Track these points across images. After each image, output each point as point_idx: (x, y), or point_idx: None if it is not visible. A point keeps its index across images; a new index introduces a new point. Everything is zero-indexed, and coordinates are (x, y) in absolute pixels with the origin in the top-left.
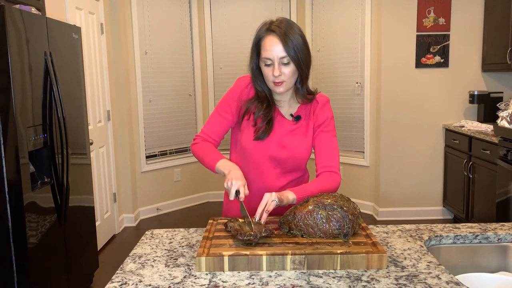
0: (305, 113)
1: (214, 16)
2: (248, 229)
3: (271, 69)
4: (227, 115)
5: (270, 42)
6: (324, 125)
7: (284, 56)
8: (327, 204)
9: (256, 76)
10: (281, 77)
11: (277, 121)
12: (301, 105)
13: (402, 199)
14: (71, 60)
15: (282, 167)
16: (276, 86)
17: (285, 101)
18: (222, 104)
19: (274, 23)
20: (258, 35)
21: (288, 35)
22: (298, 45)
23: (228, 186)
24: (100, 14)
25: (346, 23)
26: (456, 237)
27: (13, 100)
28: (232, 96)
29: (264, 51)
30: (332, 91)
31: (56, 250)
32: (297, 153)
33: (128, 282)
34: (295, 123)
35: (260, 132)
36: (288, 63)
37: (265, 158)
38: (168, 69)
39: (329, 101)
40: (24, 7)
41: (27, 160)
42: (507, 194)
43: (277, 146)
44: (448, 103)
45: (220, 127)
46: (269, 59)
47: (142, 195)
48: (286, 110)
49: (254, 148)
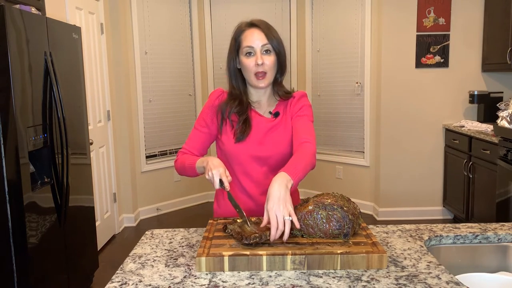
0: (283, 109)
1: (214, 16)
2: (249, 229)
3: (253, 59)
4: (204, 129)
5: (252, 32)
6: (300, 111)
7: (266, 43)
8: (327, 204)
9: (234, 75)
10: (263, 66)
11: (255, 121)
12: (279, 102)
13: (402, 199)
14: (71, 60)
15: (267, 165)
16: (259, 79)
17: (263, 101)
18: (198, 119)
19: (253, 20)
20: (238, 31)
21: (269, 28)
22: (279, 38)
23: (209, 176)
24: (100, 14)
25: (346, 23)
26: (456, 237)
27: (13, 100)
28: (205, 109)
29: (246, 41)
30: (332, 91)
31: (56, 250)
32: (279, 149)
33: (128, 282)
34: (274, 120)
35: (239, 133)
36: (269, 51)
37: (249, 159)
38: (168, 69)
39: (305, 95)
40: (24, 7)
41: (27, 160)
42: (507, 194)
43: (258, 145)
44: (448, 103)
45: (198, 141)
46: (250, 47)
47: (142, 195)
48: (264, 109)
49: (236, 150)
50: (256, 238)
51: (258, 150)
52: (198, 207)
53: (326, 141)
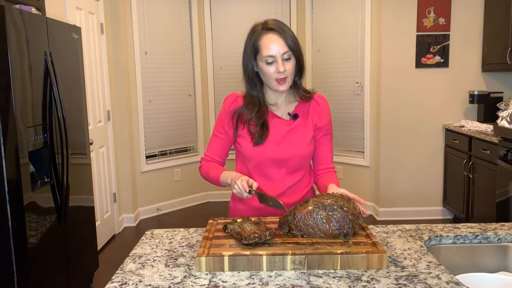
0: (302, 111)
1: (214, 16)
2: (249, 229)
3: (274, 67)
4: (222, 135)
5: (270, 39)
6: (326, 128)
7: (286, 51)
8: (327, 204)
9: (252, 81)
10: (284, 73)
11: (273, 123)
12: (299, 103)
13: (402, 199)
14: (71, 60)
15: (286, 167)
16: (280, 84)
17: (280, 103)
18: (216, 126)
19: (269, 22)
20: (255, 37)
21: (285, 30)
22: (294, 37)
23: (237, 190)
24: (100, 14)
25: (346, 23)
26: (456, 237)
27: (13, 100)
28: (222, 115)
29: (266, 49)
30: (332, 91)
31: (56, 250)
32: (298, 151)
33: (128, 282)
34: (293, 122)
35: (257, 137)
36: (289, 58)
37: (268, 162)
38: (168, 69)
39: (327, 102)
40: (24, 7)
41: (27, 160)
42: (507, 194)
43: (277, 147)
44: (448, 103)
45: (219, 147)
46: (271, 56)
47: (142, 195)
48: (282, 110)
49: (255, 153)
50: (256, 238)
51: (276, 153)
52: (198, 207)
53: None
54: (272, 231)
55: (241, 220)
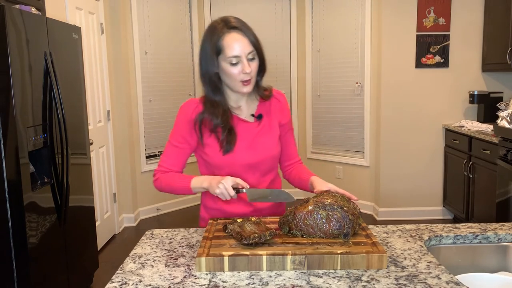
0: (265, 110)
1: (214, 16)
2: (249, 229)
3: (238, 68)
4: (183, 145)
5: (234, 38)
6: (288, 123)
7: (251, 51)
8: (327, 204)
9: (215, 85)
10: (250, 73)
11: (240, 127)
12: (260, 103)
13: (402, 199)
14: (71, 60)
15: (260, 170)
16: (244, 85)
17: (243, 105)
18: (174, 135)
19: (231, 21)
20: (216, 36)
21: (248, 29)
22: (256, 36)
23: (221, 190)
24: (100, 14)
25: (346, 23)
26: (456, 237)
27: (13, 100)
28: (181, 124)
29: (230, 49)
30: (332, 91)
31: (56, 250)
32: (270, 152)
33: (128, 282)
34: (259, 123)
35: (226, 144)
36: (253, 58)
37: (241, 168)
38: (168, 69)
39: (285, 97)
40: (24, 7)
41: (27, 160)
42: (507, 194)
43: (249, 152)
44: (448, 103)
45: (178, 158)
46: (236, 56)
47: (142, 195)
48: (246, 113)
49: (226, 162)
50: (256, 238)
51: (248, 158)
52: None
53: (326, 141)
54: (272, 231)
55: (241, 220)
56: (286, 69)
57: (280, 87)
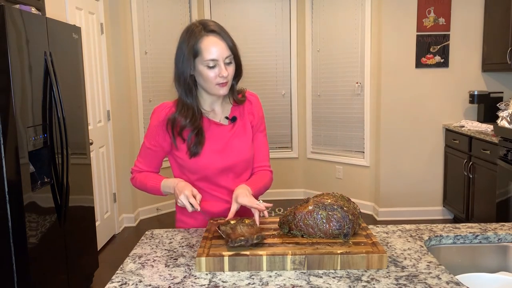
0: (239, 113)
1: (214, 16)
2: (239, 232)
3: (215, 71)
4: (156, 148)
5: (212, 42)
6: (259, 125)
7: (229, 55)
8: (327, 204)
9: (188, 87)
10: (227, 77)
11: (213, 130)
12: (233, 105)
13: (402, 199)
14: (71, 60)
15: (234, 172)
16: (220, 87)
17: (216, 108)
18: (148, 137)
19: (209, 24)
20: (194, 39)
21: (226, 33)
22: (234, 42)
23: (181, 203)
24: (100, 14)
25: (346, 23)
26: (456, 237)
27: (13, 100)
28: (154, 127)
29: (207, 52)
30: (332, 91)
31: (56, 250)
32: (243, 155)
33: (128, 282)
34: (232, 126)
35: (192, 147)
36: (230, 62)
37: (214, 171)
38: (168, 69)
39: (259, 99)
40: (24, 7)
41: (27, 160)
42: (507, 194)
43: (221, 155)
44: (448, 103)
45: (152, 159)
46: (214, 60)
47: (142, 195)
48: (220, 116)
49: (199, 165)
50: (242, 241)
51: (222, 161)
52: None
53: (326, 141)
54: (261, 234)
55: (234, 222)
56: (286, 69)
57: (280, 87)
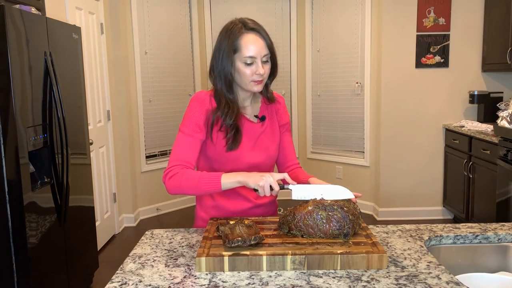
0: (268, 113)
1: (214, 16)
2: (237, 232)
3: (252, 68)
4: (199, 135)
5: (251, 40)
6: (287, 125)
7: (267, 53)
8: (327, 204)
9: (230, 83)
10: (263, 75)
11: (245, 127)
12: (262, 104)
13: (402, 199)
14: (71, 60)
15: (259, 170)
16: (256, 84)
17: (248, 105)
18: (189, 125)
19: (249, 22)
20: (234, 36)
21: (265, 31)
22: (271, 41)
23: (265, 183)
24: (100, 14)
25: (346, 23)
26: (456, 237)
27: (13, 100)
28: (197, 114)
29: (247, 49)
30: (332, 91)
31: (56, 250)
32: (270, 154)
33: (128, 282)
34: (262, 124)
35: (231, 142)
36: (267, 61)
37: (243, 166)
38: (168, 69)
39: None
40: (24, 7)
41: (27, 160)
42: (507, 194)
43: (250, 152)
44: (448, 103)
45: (194, 149)
46: (252, 57)
47: (142, 195)
48: (250, 113)
49: (231, 158)
50: (239, 242)
51: (252, 157)
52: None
53: (326, 141)
54: (259, 235)
55: (233, 222)
56: (286, 69)
57: (280, 87)
